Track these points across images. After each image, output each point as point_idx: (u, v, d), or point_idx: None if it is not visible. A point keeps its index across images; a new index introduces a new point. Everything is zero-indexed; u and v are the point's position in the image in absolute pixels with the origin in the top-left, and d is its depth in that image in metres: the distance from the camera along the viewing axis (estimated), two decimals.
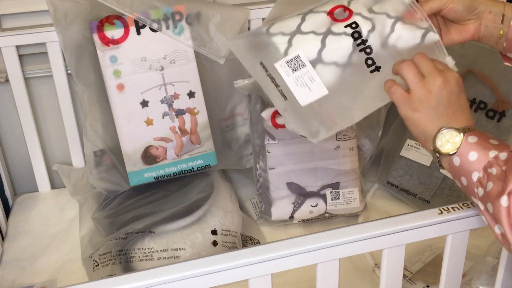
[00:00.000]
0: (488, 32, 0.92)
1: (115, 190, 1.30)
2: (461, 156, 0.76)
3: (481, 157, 0.74)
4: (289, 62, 0.91)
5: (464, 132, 0.77)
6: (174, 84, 1.28)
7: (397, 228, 0.79)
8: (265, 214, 1.30)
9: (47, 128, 1.43)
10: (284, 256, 0.75)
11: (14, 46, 1.28)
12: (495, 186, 0.71)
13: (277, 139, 1.24)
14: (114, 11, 1.23)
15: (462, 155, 0.76)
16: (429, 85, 0.79)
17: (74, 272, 1.18)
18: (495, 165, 0.73)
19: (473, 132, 0.77)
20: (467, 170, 0.75)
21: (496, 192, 0.71)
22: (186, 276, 0.72)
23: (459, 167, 0.76)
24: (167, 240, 1.16)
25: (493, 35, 0.92)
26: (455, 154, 0.76)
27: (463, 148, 0.76)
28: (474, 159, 0.74)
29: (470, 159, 0.75)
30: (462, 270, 0.87)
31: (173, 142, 1.30)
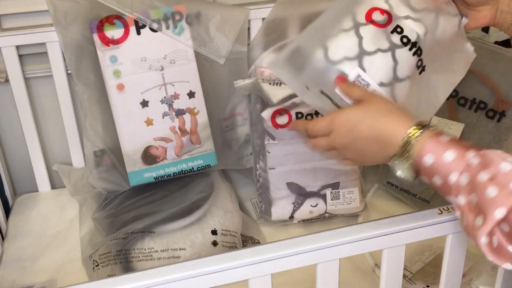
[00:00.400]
0: (502, 18, 0.90)
1: (115, 190, 1.30)
2: (435, 155, 0.71)
3: (459, 157, 0.69)
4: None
5: (421, 127, 0.73)
6: (174, 84, 1.28)
7: (397, 228, 0.79)
8: (265, 214, 1.30)
9: (47, 128, 1.43)
10: (284, 256, 0.75)
11: (14, 46, 1.28)
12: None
13: (277, 139, 1.24)
14: (114, 11, 1.23)
15: (436, 154, 0.70)
16: (337, 141, 0.79)
17: (74, 272, 1.18)
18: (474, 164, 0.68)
19: (440, 131, 0.73)
20: (444, 170, 0.70)
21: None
22: (186, 276, 0.72)
23: (432, 166, 0.71)
24: (167, 240, 1.16)
25: (507, 21, 0.89)
26: (428, 153, 0.71)
27: (437, 146, 0.71)
28: (451, 159, 0.69)
29: (445, 159, 0.69)
30: (462, 270, 0.87)
31: (173, 142, 1.30)
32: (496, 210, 0.62)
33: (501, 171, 0.64)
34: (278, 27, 1.32)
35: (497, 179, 0.64)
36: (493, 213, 0.62)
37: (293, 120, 1.22)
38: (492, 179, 0.64)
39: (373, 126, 0.76)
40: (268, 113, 1.22)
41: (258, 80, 1.21)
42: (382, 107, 0.77)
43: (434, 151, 0.70)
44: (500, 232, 0.64)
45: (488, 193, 0.64)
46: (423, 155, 0.71)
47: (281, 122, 1.22)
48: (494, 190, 0.63)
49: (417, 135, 0.72)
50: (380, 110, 0.77)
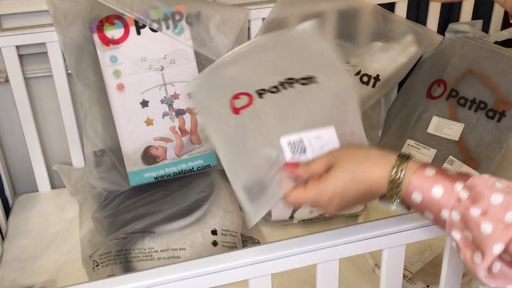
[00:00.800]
0: None
1: (115, 190, 1.30)
2: (423, 192, 0.68)
3: (447, 192, 0.66)
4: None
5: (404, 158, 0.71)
6: (174, 84, 1.28)
7: (397, 228, 0.79)
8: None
9: (47, 128, 1.43)
10: (284, 256, 0.75)
11: (14, 46, 1.28)
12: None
13: None
14: (114, 11, 1.23)
15: (423, 191, 0.68)
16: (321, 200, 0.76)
17: (74, 272, 1.18)
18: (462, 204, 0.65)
19: (425, 163, 0.70)
20: (434, 206, 0.68)
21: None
22: (186, 276, 0.72)
23: (421, 204, 0.69)
24: (167, 240, 1.16)
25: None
26: (415, 191, 0.69)
27: (424, 182, 0.68)
28: (440, 195, 0.67)
29: (435, 195, 0.67)
30: (462, 270, 0.87)
31: (173, 142, 1.30)
32: (494, 246, 0.61)
33: (492, 204, 0.62)
34: (278, 27, 1.32)
35: (490, 213, 0.62)
36: (491, 250, 0.62)
37: None
38: (484, 214, 0.63)
39: (356, 186, 0.74)
40: None
41: None
42: (354, 162, 0.74)
43: (421, 188, 0.68)
44: (501, 260, 0.64)
45: (483, 229, 0.62)
46: (410, 193, 0.69)
47: None
48: (489, 226, 0.62)
49: (401, 173, 0.70)
50: (353, 165, 0.74)
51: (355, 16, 1.35)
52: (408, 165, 0.70)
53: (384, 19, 1.36)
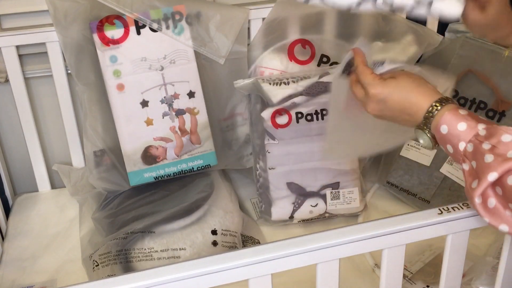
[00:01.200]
0: None
1: (115, 190, 1.30)
2: (450, 125, 0.78)
3: (469, 128, 0.76)
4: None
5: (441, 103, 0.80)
6: (174, 84, 1.28)
7: (397, 228, 0.79)
8: (265, 214, 1.30)
9: (47, 128, 1.43)
10: (284, 256, 0.75)
11: (14, 46, 1.28)
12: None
13: (277, 139, 1.24)
14: (114, 11, 1.23)
15: (451, 124, 0.78)
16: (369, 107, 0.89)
17: (74, 272, 1.18)
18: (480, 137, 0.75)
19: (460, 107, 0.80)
20: (455, 139, 0.77)
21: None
22: (186, 276, 0.72)
23: (446, 136, 0.79)
24: (167, 240, 1.16)
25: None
26: (444, 124, 0.79)
27: (453, 118, 0.78)
28: (463, 129, 0.76)
29: (459, 129, 0.77)
30: (462, 270, 0.87)
31: (173, 142, 1.30)
32: (489, 174, 0.69)
33: (502, 141, 0.71)
34: (278, 27, 1.32)
35: (497, 148, 0.71)
36: (487, 177, 0.70)
37: (293, 120, 1.22)
38: (492, 149, 0.71)
39: (402, 99, 0.84)
40: (268, 113, 1.22)
41: (258, 80, 1.21)
42: (414, 81, 0.85)
43: (450, 122, 0.78)
44: (494, 194, 0.71)
45: (485, 159, 0.71)
46: (440, 125, 0.79)
47: (281, 122, 1.22)
48: (491, 157, 0.70)
49: (439, 107, 0.80)
50: (412, 83, 0.85)
51: (355, 16, 1.34)
52: (446, 105, 0.80)
53: (384, 19, 1.36)
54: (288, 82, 1.21)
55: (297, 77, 1.22)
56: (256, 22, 1.35)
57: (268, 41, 1.33)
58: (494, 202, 0.71)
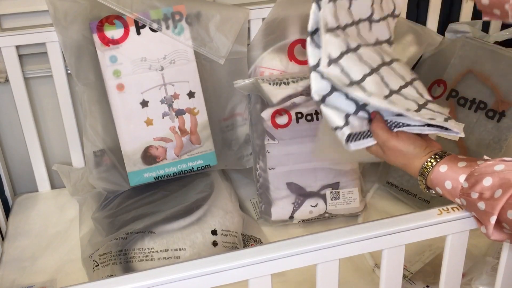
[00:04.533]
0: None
1: (115, 190, 1.30)
2: (440, 187, 0.84)
3: (454, 185, 0.81)
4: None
5: (435, 159, 0.85)
6: (174, 84, 1.28)
7: (397, 228, 0.79)
8: (265, 214, 1.30)
9: (47, 128, 1.43)
10: (284, 256, 0.75)
11: (14, 46, 1.28)
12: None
13: (277, 139, 1.24)
14: (114, 11, 1.23)
15: (440, 185, 0.84)
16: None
17: (74, 272, 1.18)
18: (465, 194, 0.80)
19: (443, 160, 0.85)
20: (450, 196, 0.83)
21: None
22: (186, 277, 0.72)
23: (444, 194, 0.84)
24: (167, 240, 1.16)
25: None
26: (436, 187, 0.84)
27: (439, 178, 0.83)
28: (450, 188, 0.82)
29: (447, 188, 0.82)
30: (462, 270, 0.87)
31: (173, 142, 1.30)
32: (490, 219, 0.75)
33: (485, 186, 0.76)
34: (278, 27, 1.32)
35: (484, 194, 0.76)
36: (489, 222, 0.76)
37: (293, 120, 1.22)
38: (480, 196, 0.77)
39: (404, 158, 0.89)
40: (268, 113, 1.22)
41: (258, 80, 1.21)
42: (413, 145, 0.89)
43: (438, 183, 0.84)
44: (505, 223, 0.76)
45: (480, 208, 0.77)
46: (434, 187, 0.85)
47: (281, 122, 1.22)
48: (483, 205, 0.76)
49: (428, 171, 0.85)
50: (410, 148, 0.88)
51: None
52: (434, 165, 0.85)
53: None
54: (288, 82, 1.21)
55: (297, 77, 1.22)
56: (256, 22, 1.35)
57: (268, 41, 1.33)
58: (506, 225, 0.76)
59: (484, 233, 0.78)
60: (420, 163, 0.86)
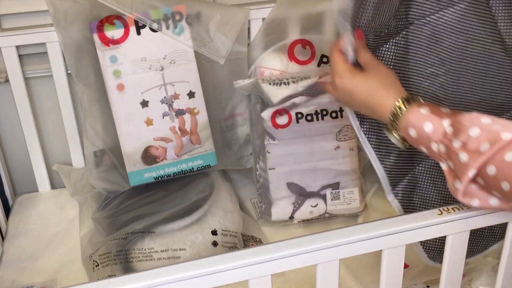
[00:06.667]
0: None
1: (115, 190, 1.30)
2: (417, 128, 0.78)
3: (436, 128, 0.76)
4: None
5: (405, 102, 0.80)
6: (174, 84, 1.28)
7: (397, 228, 0.79)
8: (265, 214, 1.30)
9: (47, 128, 1.43)
10: (284, 256, 0.75)
11: (14, 46, 1.28)
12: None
13: (277, 139, 1.24)
14: (114, 11, 1.23)
15: (417, 127, 0.78)
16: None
17: (74, 272, 1.18)
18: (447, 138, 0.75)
19: (423, 103, 0.80)
20: (425, 140, 0.77)
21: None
22: (186, 277, 0.72)
23: (416, 138, 0.79)
24: (167, 240, 1.16)
25: None
26: (411, 127, 0.78)
27: (418, 120, 0.77)
28: (430, 130, 0.76)
29: (425, 130, 0.77)
30: (462, 270, 0.87)
31: (173, 142, 1.30)
32: (469, 172, 0.70)
33: (471, 136, 0.71)
34: (278, 27, 1.32)
35: (468, 144, 0.71)
36: (466, 175, 0.71)
37: (293, 120, 1.22)
38: (463, 146, 0.72)
39: (368, 97, 0.84)
40: (268, 113, 1.22)
41: (258, 80, 1.21)
42: (382, 80, 0.84)
43: (415, 125, 0.78)
44: (478, 187, 0.73)
45: (461, 159, 0.72)
46: (407, 128, 0.79)
47: (281, 122, 1.22)
48: (465, 156, 0.71)
49: (403, 110, 0.80)
50: (380, 83, 0.84)
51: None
52: (410, 104, 0.80)
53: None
54: (288, 82, 1.21)
55: (297, 77, 1.22)
56: (256, 22, 1.35)
57: (268, 41, 1.33)
58: (478, 201, 0.74)
59: (456, 188, 0.74)
60: (393, 101, 0.81)
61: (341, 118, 1.24)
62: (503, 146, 0.68)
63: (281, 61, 1.32)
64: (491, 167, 0.69)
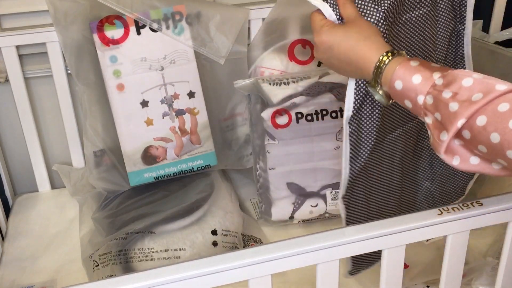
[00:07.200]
0: None
1: (115, 190, 1.30)
2: (404, 80, 0.74)
3: (424, 80, 0.72)
4: None
5: (390, 55, 0.77)
6: (174, 84, 1.28)
7: (397, 228, 0.79)
8: (265, 214, 1.30)
9: (47, 128, 1.43)
10: (284, 256, 0.75)
11: (14, 46, 1.28)
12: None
13: (277, 139, 1.24)
14: (114, 11, 1.23)
15: (405, 79, 0.74)
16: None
17: (74, 272, 1.18)
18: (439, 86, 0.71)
19: (412, 58, 0.77)
20: (412, 93, 0.74)
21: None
22: (186, 277, 0.72)
23: (402, 91, 0.75)
24: (167, 240, 1.16)
25: None
26: (397, 79, 0.74)
27: (406, 72, 0.74)
28: (418, 82, 0.73)
29: (413, 82, 0.73)
30: (462, 270, 0.87)
31: (173, 142, 1.30)
32: (458, 121, 0.66)
33: (462, 86, 0.68)
34: (278, 27, 1.32)
35: (459, 94, 0.67)
36: (456, 124, 0.66)
37: (293, 120, 1.22)
38: (454, 96, 0.68)
39: (349, 50, 0.80)
40: (268, 113, 1.22)
41: (258, 80, 1.21)
42: (362, 32, 0.80)
43: (403, 76, 0.74)
44: (461, 143, 0.69)
45: (450, 108, 0.67)
46: (393, 81, 0.75)
47: (281, 122, 1.22)
48: (456, 105, 0.67)
49: (387, 62, 0.76)
50: (360, 35, 0.80)
51: None
52: (395, 58, 0.76)
53: None
54: (288, 82, 1.21)
55: (297, 77, 1.22)
56: (256, 22, 1.35)
57: (268, 41, 1.33)
58: (459, 160, 0.70)
59: (440, 141, 0.69)
60: (376, 55, 0.77)
61: (341, 118, 1.24)
62: (496, 96, 0.65)
63: (281, 61, 1.32)
64: (481, 117, 0.65)
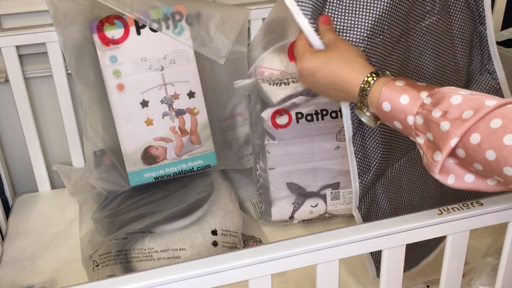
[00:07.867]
0: None
1: (115, 190, 1.30)
2: (391, 101, 0.73)
3: (413, 100, 0.72)
4: None
5: (375, 76, 0.76)
6: (174, 84, 1.28)
7: (397, 228, 0.79)
8: (265, 214, 1.30)
9: (47, 128, 1.43)
10: (284, 256, 0.75)
11: (14, 46, 1.28)
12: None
13: (277, 139, 1.24)
14: (114, 11, 1.23)
15: (392, 100, 0.73)
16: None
17: (74, 272, 1.18)
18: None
19: (397, 78, 0.76)
20: (401, 114, 0.73)
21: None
22: (186, 277, 0.72)
23: (390, 113, 0.74)
24: (167, 240, 1.16)
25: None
26: (385, 101, 0.74)
27: (393, 93, 0.73)
28: (406, 103, 0.72)
29: (401, 102, 0.72)
30: (462, 270, 0.87)
31: (173, 142, 1.30)
32: (451, 141, 0.66)
33: (452, 104, 0.67)
34: (278, 27, 1.32)
35: (449, 112, 0.67)
36: (449, 143, 0.66)
37: (293, 120, 1.22)
38: (444, 114, 0.67)
39: (330, 74, 0.80)
40: (268, 114, 1.22)
41: (258, 80, 1.21)
42: (343, 55, 0.80)
43: (390, 98, 0.73)
44: (455, 157, 0.68)
45: (442, 127, 0.67)
46: (381, 102, 0.74)
47: (281, 122, 1.22)
48: (447, 124, 0.66)
49: (372, 83, 0.76)
50: (340, 58, 0.79)
51: None
52: (380, 79, 0.76)
53: None
54: (288, 82, 1.21)
55: (297, 77, 1.22)
56: (256, 22, 1.35)
57: (268, 41, 1.33)
58: (453, 178, 0.70)
59: (434, 161, 0.68)
60: (361, 77, 0.76)
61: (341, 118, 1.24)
62: (487, 112, 0.64)
63: (281, 61, 1.32)
64: (475, 135, 0.64)
